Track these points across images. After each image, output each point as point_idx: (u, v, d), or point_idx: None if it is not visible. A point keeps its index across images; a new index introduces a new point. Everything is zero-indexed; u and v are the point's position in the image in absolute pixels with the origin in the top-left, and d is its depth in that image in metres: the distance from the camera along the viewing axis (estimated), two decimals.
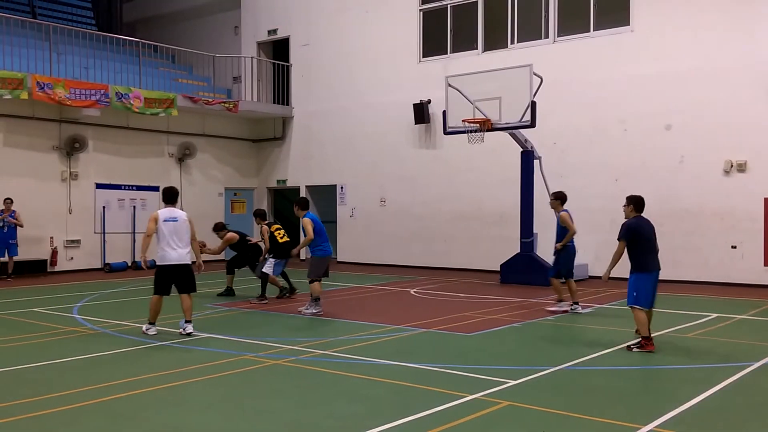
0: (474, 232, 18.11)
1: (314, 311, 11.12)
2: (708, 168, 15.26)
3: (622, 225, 8.60)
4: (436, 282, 16.02)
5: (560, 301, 11.61)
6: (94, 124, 18.59)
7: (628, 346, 8.50)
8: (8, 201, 16.35)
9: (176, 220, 9.26)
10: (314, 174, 21.73)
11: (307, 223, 11.12)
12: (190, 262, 9.47)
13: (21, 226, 16.49)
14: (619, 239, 8.50)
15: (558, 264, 11.53)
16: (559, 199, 11.71)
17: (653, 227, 8.67)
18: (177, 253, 9.21)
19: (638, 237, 8.43)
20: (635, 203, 8.67)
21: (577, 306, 11.40)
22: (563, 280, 11.59)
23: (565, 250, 11.43)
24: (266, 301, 12.52)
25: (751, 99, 14.77)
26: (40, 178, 17.74)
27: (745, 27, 14.88)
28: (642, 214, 8.67)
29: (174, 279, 9.30)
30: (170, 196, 9.47)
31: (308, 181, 21.90)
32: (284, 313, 11.41)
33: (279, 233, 12.90)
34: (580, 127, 16.80)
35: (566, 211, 11.62)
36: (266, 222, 13.21)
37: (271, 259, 12.70)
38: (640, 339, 8.48)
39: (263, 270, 12.77)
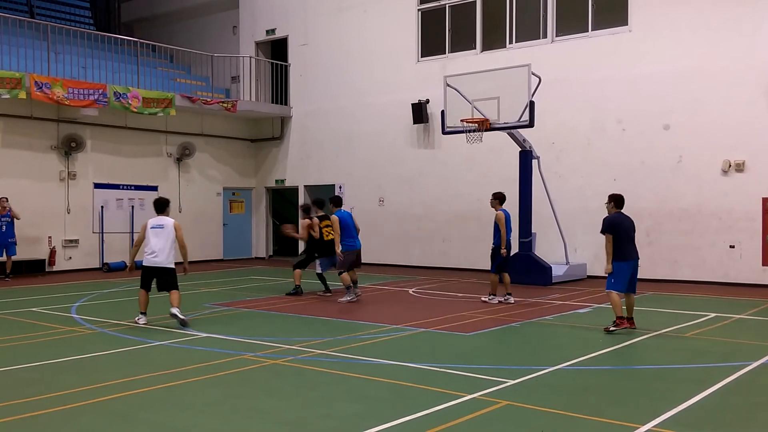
0: (472, 232, 18.10)
1: (349, 299, 12.49)
2: (706, 168, 15.27)
3: (603, 220, 9.63)
4: (435, 282, 16.02)
5: (492, 294, 12.51)
6: (92, 124, 18.58)
7: (606, 329, 9.53)
8: (4, 200, 16.32)
9: (162, 228, 10.08)
10: (312, 174, 21.72)
11: (333, 220, 12.61)
12: (170, 266, 10.12)
13: (18, 218, 16.47)
14: (603, 233, 9.56)
15: (497, 261, 12.40)
16: (497, 198, 12.52)
17: (632, 221, 9.73)
18: (157, 257, 10.00)
19: (617, 230, 9.47)
20: (615, 201, 9.78)
21: (509, 296, 12.52)
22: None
23: (498, 249, 12.37)
24: (330, 294, 13.27)
25: (749, 99, 14.78)
26: (38, 177, 17.72)
27: (743, 27, 14.89)
28: (622, 210, 9.74)
29: (155, 278, 10.13)
30: (158, 206, 10.36)
31: (306, 180, 21.89)
32: (283, 313, 11.41)
33: (326, 230, 13.10)
34: (578, 127, 16.81)
35: (503, 211, 12.39)
36: (318, 215, 13.30)
37: (318, 259, 13.31)
38: (615, 320, 9.50)
39: (317, 272, 13.51)
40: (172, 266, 10.16)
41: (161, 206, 10.31)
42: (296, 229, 14.33)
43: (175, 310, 9.88)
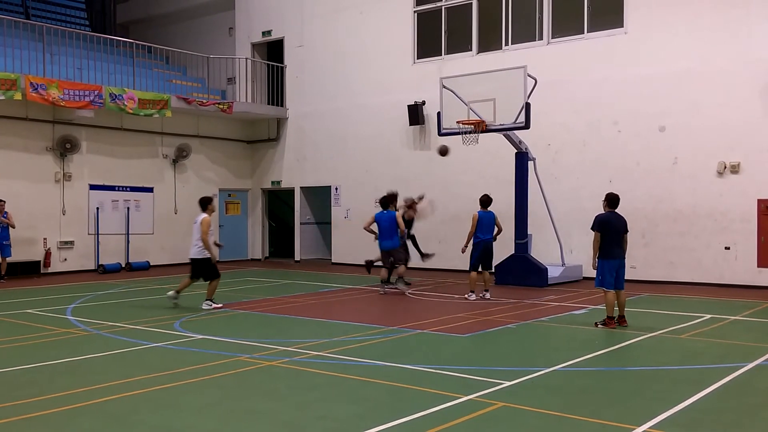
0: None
1: (380, 290, 14.02)
2: (701, 169, 15.30)
3: (594, 218, 10.07)
4: (431, 283, 16.02)
5: (472, 291, 13.00)
6: (87, 125, 18.55)
7: (595, 323, 10.10)
8: (1, 202, 16.29)
9: (195, 223, 11.95)
10: (309, 175, 21.71)
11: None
12: (199, 257, 11.80)
13: (13, 227, 16.45)
14: (592, 230, 10.02)
15: (472, 258, 13.08)
16: (479, 201, 13.15)
17: (624, 221, 10.08)
18: (191, 250, 11.97)
19: (605, 228, 9.88)
20: (609, 200, 10.17)
21: (486, 293, 13.07)
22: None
23: (474, 247, 12.96)
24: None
25: (745, 100, 14.82)
26: (33, 179, 17.68)
27: (738, 28, 14.93)
28: (617, 210, 10.08)
29: (193, 269, 12.01)
30: (200, 203, 12.14)
31: (303, 182, 21.88)
32: (278, 315, 11.41)
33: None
34: (574, 129, 16.84)
35: (479, 212, 12.98)
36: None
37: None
38: (605, 318, 10.01)
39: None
40: (198, 257, 11.78)
41: (201, 204, 12.04)
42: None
43: (204, 305, 11.73)
